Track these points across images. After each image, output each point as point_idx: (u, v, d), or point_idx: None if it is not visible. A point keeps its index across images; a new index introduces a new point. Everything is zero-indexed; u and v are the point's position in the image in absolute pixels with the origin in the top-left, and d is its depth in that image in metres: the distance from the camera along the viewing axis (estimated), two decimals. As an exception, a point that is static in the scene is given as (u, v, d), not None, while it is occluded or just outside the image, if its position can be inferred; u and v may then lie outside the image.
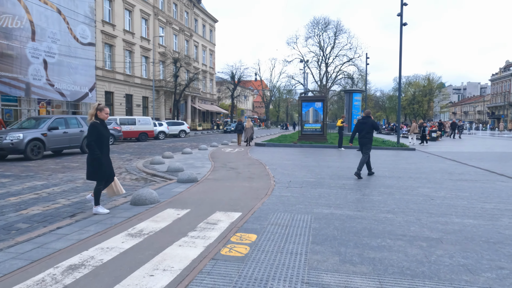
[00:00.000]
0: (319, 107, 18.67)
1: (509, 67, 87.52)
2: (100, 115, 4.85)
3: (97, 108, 4.85)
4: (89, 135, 4.74)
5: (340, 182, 7.60)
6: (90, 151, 4.73)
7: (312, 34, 42.77)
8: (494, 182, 7.70)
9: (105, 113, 4.90)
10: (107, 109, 4.98)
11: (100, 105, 4.90)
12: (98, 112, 4.83)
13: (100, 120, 4.85)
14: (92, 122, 4.73)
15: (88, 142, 4.72)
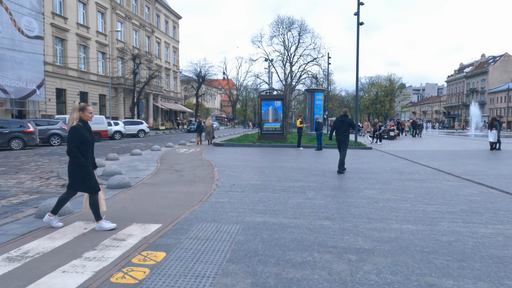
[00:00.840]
0: (279, 106, 18.35)
1: (462, 69, 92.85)
2: (83, 116, 4.13)
3: (79, 109, 4.11)
4: (70, 141, 4.00)
5: (287, 184, 7.18)
6: (72, 158, 4.03)
7: (277, 33, 42.68)
8: (440, 182, 7.62)
9: (89, 112, 4.18)
10: (90, 107, 4.26)
11: (80, 104, 4.18)
12: (80, 113, 4.10)
13: (83, 122, 4.15)
14: (72, 126, 4.03)
15: (69, 148, 3.99)
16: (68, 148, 3.99)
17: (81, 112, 4.09)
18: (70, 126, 4.04)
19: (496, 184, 7.31)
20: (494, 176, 8.45)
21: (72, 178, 4.11)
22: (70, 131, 4.01)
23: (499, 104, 72.25)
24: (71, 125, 4.03)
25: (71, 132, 4.01)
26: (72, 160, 4.04)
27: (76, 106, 4.10)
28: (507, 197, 6.10)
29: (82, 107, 4.12)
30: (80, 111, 4.09)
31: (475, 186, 7.11)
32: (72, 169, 4.07)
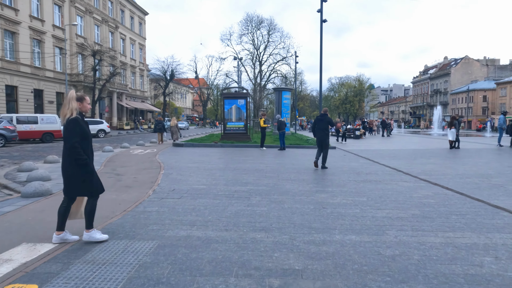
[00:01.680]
0: (242, 105, 17.72)
1: (427, 71, 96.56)
2: (81, 107, 3.56)
3: (76, 98, 3.51)
4: (71, 135, 3.40)
5: (233, 188, 6.54)
6: (74, 156, 3.40)
7: (246, 32, 42.04)
8: (397, 183, 7.27)
9: (87, 103, 3.63)
10: (88, 98, 3.70)
11: (78, 93, 3.59)
12: (78, 103, 3.52)
13: (80, 114, 3.56)
14: (72, 118, 3.44)
15: (71, 144, 3.39)
16: (68, 143, 3.38)
17: (79, 103, 3.52)
18: (68, 118, 3.42)
19: (452, 185, 7.04)
20: (451, 175, 8.24)
21: (71, 180, 3.49)
22: (70, 124, 3.40)
23: (460, 104, 75.60)
24: (70, 116, 3.42)
25: (71, 124, 3.40)
26: (72, 158, 3.41)
27: (72, 96, 3.48)
28: (461, 199, 5.79)
29: (80, 97, 3.54)
30: (78, 101, 3.51)
31: (431, 187, 6.80)
32: (71, 170, 3.46)
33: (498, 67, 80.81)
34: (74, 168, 3.43)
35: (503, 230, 4.14)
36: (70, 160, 3.42)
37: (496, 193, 6.30)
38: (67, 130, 3.40)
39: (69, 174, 3.47)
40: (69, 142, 3.38)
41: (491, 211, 5.06)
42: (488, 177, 8.06)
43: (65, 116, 3.43)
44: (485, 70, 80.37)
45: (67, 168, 3.46)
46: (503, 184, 7.15)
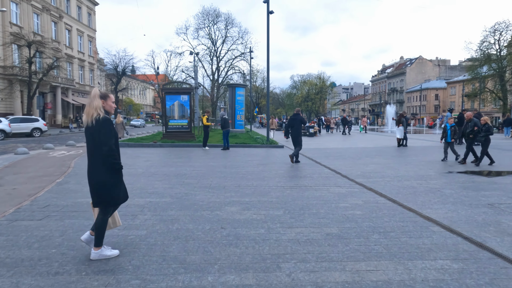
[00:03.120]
0: (186, 101, 16.39)
1: (384, 70, 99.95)
2: (105, 106, 3.15)
3: (100, 96, 3.11)
4: (107, 137, 2.99)
5: (129, 202, 5.31)
6: (111, 160, 3.04)
7: (203, 26, 40.44)
8: (328, 189, 6.41)
9: (112, 101, 3.23)
10: (112, 96, 3.29)
11: (102, 90, 3.22)
12: (102, 101, 3.12)
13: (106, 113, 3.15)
14: (106, 118, 3.05)
15: (109, 147, 2.99)
16: (105, 146, 2.99)
17: (103, 101, 3.15)
18: (96, 117, 3.02)
19: (388, 189, 6.30)
20: (389, 178, 7.56)
21: (105, 188, 3.09)
22: (105, 124, 3.02)
23: (415, 102, 78.82)
24: (97, 116, 3.02)
25: (107, 124, 3.02)
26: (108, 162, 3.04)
27: (96, 93, 3.11)
28: (391, 209, 4.99)
29: (104, 95, 3.19)
30: (102, 99, 3.14)
31: (363, 194, 6.00)
32: (105, 176, 3.07)
33: (448, 67, 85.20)
34: (109, 174, 3.08)
35: (427, 256, 3.30)
36: (106, 166, 3.05)
37: (431, 199, 5.60)
38: (103, 131, 2.99)
39: (103, 182, 3.07)
40: (106, 144, 2.99)
41: (421, 225, 4.27)
42: (427, 178, 7.45)
43: (91, 116, 3.01)
44: (437, 70, 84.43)
45: (101, 175, 3.06)
46: (441, 187, 6.52)
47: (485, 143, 9.20)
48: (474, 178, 7.50)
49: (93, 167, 3.09)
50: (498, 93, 42.08)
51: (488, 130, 9.17)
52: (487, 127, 9.18)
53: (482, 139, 9.23)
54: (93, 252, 3.14)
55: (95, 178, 3.08)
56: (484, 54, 41.75)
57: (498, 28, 40.88)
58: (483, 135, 9.20)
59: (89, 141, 3.07)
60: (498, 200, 5.51)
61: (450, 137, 10.27)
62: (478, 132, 9.40)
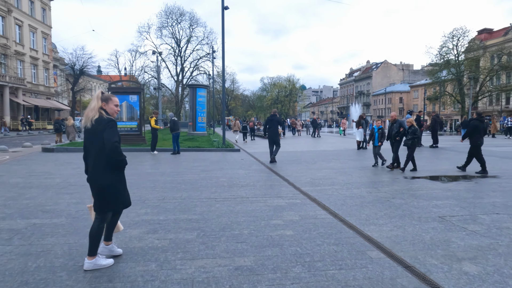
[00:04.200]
0: (135, 101, 15.12)
1: (352, 74, 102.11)
2: (106, 109, 2.99)
3: (101, 98, 2.98)
4: (111, 135, 2.83)
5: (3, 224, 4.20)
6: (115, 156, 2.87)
7: (166, 24, 38.91)
8: (266, 201, 5.58)
9: (114, 104, 3.05)
10: (115, 98, 3.10)
11: (104, 93, 3.05)
12: (103, 103, 2.98)
13: None
14: (110, 119, 2.92)
15: (113, 144, 2.82)
16: (108, 144, 2.81)
17: (104, 103, 2.98)
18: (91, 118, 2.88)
19: (333, 200, 5.56)
20: (339, 185, 6.86)
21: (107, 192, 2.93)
22: (110, 124, 2.87)
23: (380, 105, 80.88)
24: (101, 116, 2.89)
25: (111, 124, 2.88)
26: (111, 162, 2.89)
27: (97, 94, 3.00)
28: (329, 227, 4.20)
29: (106, 97, 3.02)
30: (103, 101, 2.99)
31: (304, 206, 5.20)
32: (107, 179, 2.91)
33: (412, 72, 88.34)
34: (112, 177, 2.94)
35: (354, 301, 2.50)
36: (109, 166, 2.89)
37: (378, 211, 4.89)
38: (107, 130, 2.83)
39: (106, 186, 2.92)
40: (109, 141, 2.81)
41: (358, 248, 3.50)
42: (379, 185, 6.82)
43: (90, 117, 2.89)
44: (401, 74, 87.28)
45: (104, 179, 2.91)
46: (391, 195, 5.87)
47: (412, 147, 8.56)
48: (428, 184, 6.95)
49: (95, 170, 2.93)
50: (457, 96, 43.67)
51: (414, 133, 8.49)
52: (413, 129, 8.50)
53: (408, 143, 8.55)
54: (87, 262, 2.94)
55: (98, 182, 2.93)
56: (443, 58, 43.21)
57: (456, 34, 42.47)
58: (409, 138, 8.52)
59: (89, 143, 2.95)
60: (450, 211, 4.89)
61: (377, 141, 9.47)
62: (403, 134, 8.72)
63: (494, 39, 50.36)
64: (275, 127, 10.70)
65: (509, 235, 3.92)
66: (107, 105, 3.00)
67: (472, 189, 6.46)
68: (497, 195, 5.92)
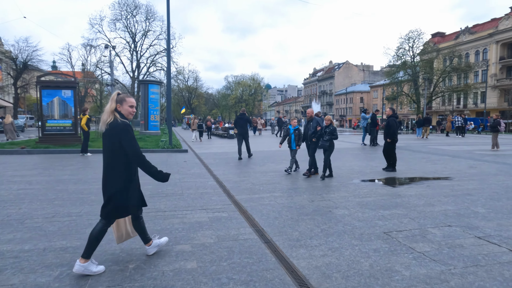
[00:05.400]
0: (69, 97, 13.46)
1: (315, 74, 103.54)
2: (121, 110, 2.85)
3: (116, 100, 2.84)
4: (130, 142, 2.76)
5: None
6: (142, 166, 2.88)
7: (120, 17, 36.56)
8: (186, 215, 4.58)
9: (129, 105, 2.88)
10: (131, 99, 2.91)
11: (120, 94, 2.89)
12: (118, 105, 2.83)
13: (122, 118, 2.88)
14: (124, 122, 2.79)
15: (135, 151, 2.78)
16: (131, 151, 2.76)
17: (118, 105, 2.84)
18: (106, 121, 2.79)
19: (266, 212, 4.66)
20: (281, 191, 5.99)
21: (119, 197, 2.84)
22: (125, 129, 2.75)
23: (342, 104, 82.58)
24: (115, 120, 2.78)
25: (127, 129, 2.77)
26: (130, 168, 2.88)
27: (113, 96, 2.86)
28: (247, 253, 3.28)
29: (121, 99, 2.86)
30: (118, 103, 2.84)
31: (229, 222, 4.26)
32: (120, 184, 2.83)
33: (372, 72, 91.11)
34: (121, 183, 2.82)
35: None
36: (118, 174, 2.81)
37: (315, 227, 4.06)
38: (123, 137, 2.74)
39: (116, 193, 2.82)
40: (131, 150, 2.76)
41: (273, 289, 2.59)
42: (325, 191, 6.04)
43: (105, 121, 2.79)
44: (362, 74, 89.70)
45: (113, 184, 2.81)
46: (335, 204, 5.09)
47: (329, 149, 7.33)
48: (377, 189, 6.28)
49: (105, 176, 2.85)
50: (413, 96, 45.16)
51: (332, 133, 7.26)
52: (332, 129, 7.26)
53: (326, 145, 7.29)
54: (78, 264, 2.76)
55: (107, 188, 2.84)
56: (400, 59, 44.49)
57: (412, 36, 43.87)
58: (327, 139, 7.27)
59: (105, 147, 2.83)
60: (398, 225, 4.16)
61: (294, 143, 8.07)
62: (321, 135, 7.60)
63: (446, 42, 52.82)
64: (244, 125, 11.15)
65: (463, 258, 3.20)
66: (122, 107, 2.84)
67: (423, 194, 5.85)
68: (449, 201, 5.32)
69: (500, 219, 4.43)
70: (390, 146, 8.33)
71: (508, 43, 45.85)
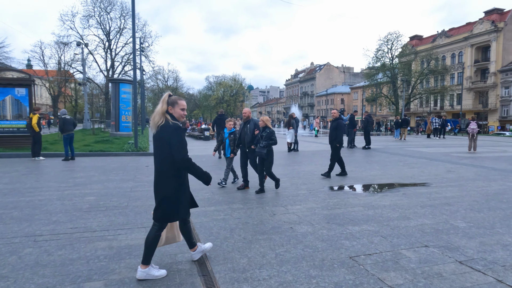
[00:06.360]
0: (23, 95, 12.33)
1: (297, 75, 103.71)
2: (173, 113, 2.79)
3: (167, 102, 2.78)
4: (179, 146, 2.68)
5: None
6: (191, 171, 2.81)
7: (93, 13, 35.02)
8: (91, 243, 3.79)
9: (180, 108, 2.82)
10: (182, 101, 2.85)
11: (172, 96, 2.83)
12: (169, 107, 2.78)
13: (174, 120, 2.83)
14: (176, 125, 2.74)
15: (182, 157, 2.69)
16: (178, 156, 2.68)
17: (170, 107, 2.78)
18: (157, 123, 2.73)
19: (217, 230, 3.95)
20: (243, 202, 5.28)
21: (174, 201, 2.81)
22: (176, 131, 2.70)
23: (323, 106, 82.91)
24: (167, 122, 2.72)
25: (179, 132, 2.71)
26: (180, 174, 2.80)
27: (164, 98, 2.80)
28: (172, 295, 2.55)
29: (172, 101, 2.79)
30: (170, 105, 2.78)
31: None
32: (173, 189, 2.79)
33: (352, 74, 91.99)
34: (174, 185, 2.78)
35: None
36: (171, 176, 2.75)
37: (267, 252, 3.38)
38: (173, 140, 2.67)
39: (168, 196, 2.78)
40: (178, 154, 2.67)
41: None
42: (290, 202, 5.37)
43: (156, 123, 2.74)
44: (342, 76, 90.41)
45: (167, 188, 2.77)
46: (299, 219, 4.42)
47: (268, 158, 5.95)
48: (349, 199, 5.67)
49: (158, 178, 2.82)
50: (392, 98, 45.54)
51: (270, 138, 5.80)
52: (269, 132, 5.87)
53: (263, 152, 5.84)
54: (140, 271, 2.78)
55: (160, 191, 2.80)
56: (379, 61, 44.79)
57: (390, 38, 44.25)
58: (264, 145, 5.83)
59: (156, 150, 2.80)
60: (367, 245, 3.53)
61: (229, 150, 6.62)
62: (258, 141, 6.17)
63: (424, 45, 53.70)
64: (223, 125, 10.55)
65: (443, 294, 2.58)
66: (174, 109, 2.79)
67: (398, 204, 5.28)
68: (426, 213, 4.76)
69: (483, 235, 3.88)
70: (338, 150, 7.76)
71: (482, 47, 46.99)
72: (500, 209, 5.04)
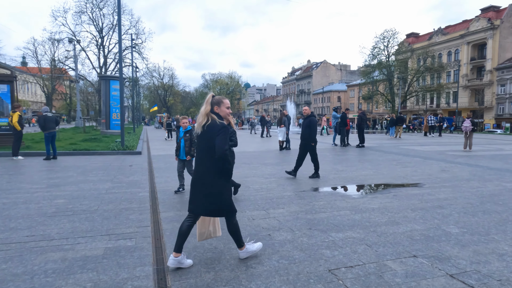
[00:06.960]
0: (5, 92, 11.91)
1: (294, 73, 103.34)
2: (220, 112, 2.92)
3: (211, 102, 2.91)
4: (223, 142, 2.78)
5: None
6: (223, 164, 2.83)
7: (85, 9, 34.49)
8: (41, 254, 3.43)
9: (226, 107, 2.94)
10: (227, 100, 2.98)
11: (216, 96, 2.97)
12: (215, 107, 2.91)
13: None
14: (223, 124, 2.83)
15: (223, 151, 2.77)
16: (219, 152, 2.76)
17: (216, 107, 2.91)
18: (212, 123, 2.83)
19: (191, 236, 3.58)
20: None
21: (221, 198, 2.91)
22: (223, 130, 2.81)
23: (320, 103, 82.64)
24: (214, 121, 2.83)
25: (225, 131, 2.81)
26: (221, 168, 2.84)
27: (208, 98, 2.93)
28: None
29: (217, 101, 2.92)
30: (215, 105, 2.91)
31: (126, 258, 3.17)
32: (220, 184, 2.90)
33: (349, 72, 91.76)
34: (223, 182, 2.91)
35: None
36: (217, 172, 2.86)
37: (238, 266, 3.03)
38: (220, 136, 2.78)
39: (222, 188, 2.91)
40: (220, 148, 2.76)
41: None
42: (273, 205, 5.03)
43: (201, 123, 2.87)
44: (339, 73, 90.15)
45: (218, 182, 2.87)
46: (278, 225, 4.08)
47: None
48: (336, 201, 5.33)
49: (207, 176, 2.87)
50: (388, 95, 45.28)
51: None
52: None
53: None
54: (241, 252, 3.07)
55: (214, 188, 2.87)
56: (375, 58, 44.48)
57: (387, 36, 43.92)
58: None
59: (200, 149, 2.92)
60: (349, 257, 3.19)
61: (184, 152, 5.78)
62: None
63: (420, 42, 53.45)
64: None
65: (430, 317, 2.25)
66: (220, 109, 2.90)
67: (388, 207, 4.95)
68: (417, 218, 4.44)
69: (477, 243, 3.56)
70: (314, 149, 7.37)
71: (478, 44, 46.82)
72: (496, 212, 4.73)
